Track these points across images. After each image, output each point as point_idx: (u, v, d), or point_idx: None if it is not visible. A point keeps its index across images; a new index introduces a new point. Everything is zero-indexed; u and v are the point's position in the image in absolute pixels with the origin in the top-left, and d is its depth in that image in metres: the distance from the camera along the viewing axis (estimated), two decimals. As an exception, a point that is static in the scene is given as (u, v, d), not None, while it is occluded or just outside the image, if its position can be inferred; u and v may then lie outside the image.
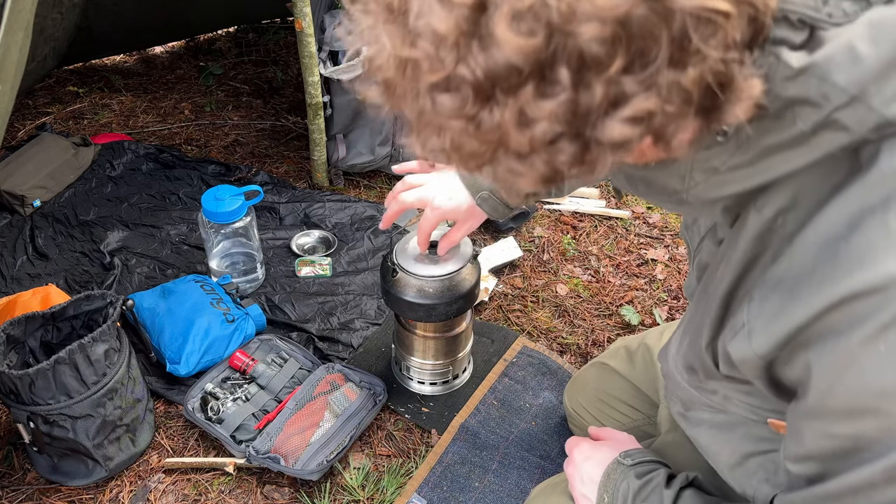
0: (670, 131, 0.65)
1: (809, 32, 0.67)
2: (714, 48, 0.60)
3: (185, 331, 2.05)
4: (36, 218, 2.72)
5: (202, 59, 4.08)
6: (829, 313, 0.70)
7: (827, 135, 0.68)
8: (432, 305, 1.78)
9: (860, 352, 0.68)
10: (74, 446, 1.73)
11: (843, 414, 0.73)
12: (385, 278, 1.81)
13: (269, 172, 3.06)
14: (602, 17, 0.57)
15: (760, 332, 0.79)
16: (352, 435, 1.88)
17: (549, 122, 0.62)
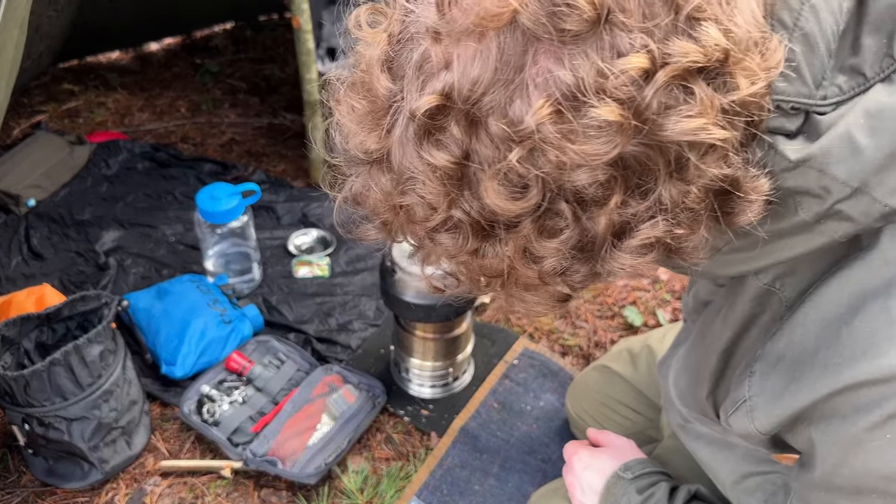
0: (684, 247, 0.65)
1: (804, 118, 0.66)
2: (713, 164, 0.59)
3: (181, 332, 2.03)
4: (31, 217, 2.69)
5: (199, 57, 4.05)
6: (832, 398, 0.70)
7: (831, 224, 0.68)
8: (431, 306, 1.76)
9: (866, 437, 0.69)
10: (70, 448, 1.71)
11: (850, 491, 0.74)
12: (384, 279, 1.80)
13: (267, 171, 3.03)
14: (592, 164, 0.56)
15: (762, 411, 0.80)
16: (350, 438, 1.86)
17: (557, 258, 0.62)
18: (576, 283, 0.66)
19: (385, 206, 0.66)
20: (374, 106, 0.64)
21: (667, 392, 1.17)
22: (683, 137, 0.56)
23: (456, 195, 0.60)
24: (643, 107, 0.55)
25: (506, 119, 0.57)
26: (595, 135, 0.55)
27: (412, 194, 0.62)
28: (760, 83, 0.59)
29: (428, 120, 0.58)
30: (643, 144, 0.57)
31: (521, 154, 0.57)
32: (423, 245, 0.68)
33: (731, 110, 0.58)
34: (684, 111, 0.56)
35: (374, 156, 0.64)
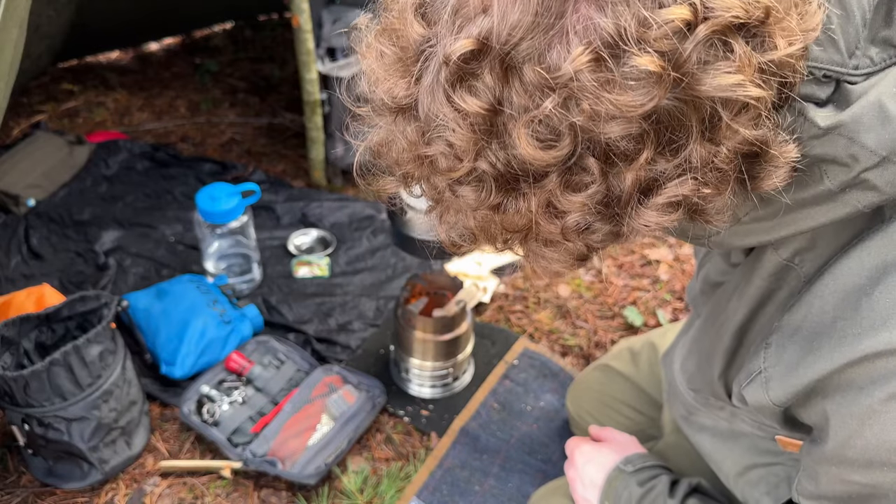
0: (709, 209, 0.64)
1: (835, 86, 0.66)
2: (745, 124, 0.59)
3: (181, 332, 2.03)
4: (30, 217, 2.69)
5: (198, 56, 4.05)
6: (849, 368, 0.70)
7: (855, 193, 0.67)
8: None
9: (881, 409, 0.69)
10: (69, 449, 1.71)
11: (861, 464, 0.73)
12: (395, 221, 1.78)
13: (266, 171, 3.03)
14: (627, 115, 0.55)
15: (778, 382, 0.79)
16: (350, 438, 1.86)
17: (581, 213, 0.61)
18: (597, 241, 0.65)
19: (409, 156, 0.65)
20: (404, 52, 0.62)
21: (672, 381, 1.17)
22: (720, 93, 0.56)
23: (484, 145, 0.60)
24: (682, 59, 0.54)
25: (543, 66, 0.56)
26: (633, 85, 0.55)
27: (438, 143, 0.61)
28: (798, 44, 0.59)
29: (462, 65, 0.57)
30: (679, 99, 0.56)
31: (556, 102, 0.56)
32: (442, 199, 0.67)
33: (768, 70, 0.58)
34: (722, 67, 0.55)
35: (401, 103, 0.63)
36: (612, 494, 1.19)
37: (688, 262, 2.56)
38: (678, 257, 2.59)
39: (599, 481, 1.23)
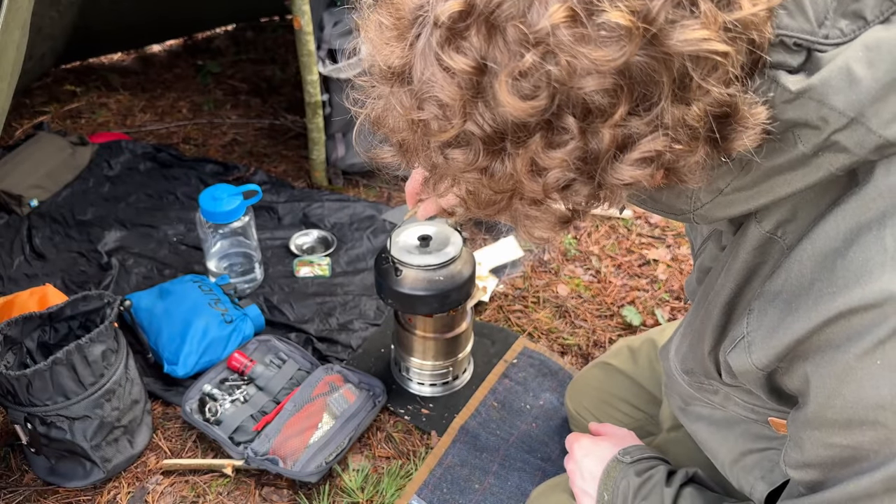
0: (681, 166, 0.67)
1: (806, 55, 0.69)
2: (715, 84, 0.62)
3: (183, 331, 2.04)
4: (33, 218, 2.70)
5: (200, 58, 4.07)
6: (826, 327, 0.72)
7: (828, 156, 0.70)
8: (444, 294, 1.76)
9: (857, 365, 0.70)
10: (72, 447, 1.72)
11: (842, 425, 0.74)
12: (388, 279, 1.78)
13: (268, 172, 3.05)
14: (601, 69, 0.59)
15: (759, 345, 0.81)
16: (351, 437, 1.87)
17: (561, 169, 0.65)
18: (578, 202, 0.69)
19: (404, 122, 0.69)
20: (400, 21, 0.68)
21: (668, 370, 1.19)
22: (687, 48, 0.59)
23: (471, 104, 0.64)
24: (652, 16, 0.58)
25: (523, 23, 0.60)
26: (606, 40, 0.59)
27: (430, 105, 0.65)
28: (762, 5, 0.63)
29: (451, 26, 0.62)
30: (650, 56, 0.60)
31: (535, 57, 0.60)
32: (436, 166, 0.71)
33: (734, 29, 0.62)
34: (689, 24, 0.59)
35: (397, 69, 0.68)
36: (610, 485, 1.21)
37: (686, 262, 2.57)
38: (676, 257, 2.59)
39: (598, 473, 1.25)
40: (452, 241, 1.82)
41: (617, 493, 1.18)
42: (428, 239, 1.81)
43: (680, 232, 2.72)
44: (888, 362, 0.68)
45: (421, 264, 1.76)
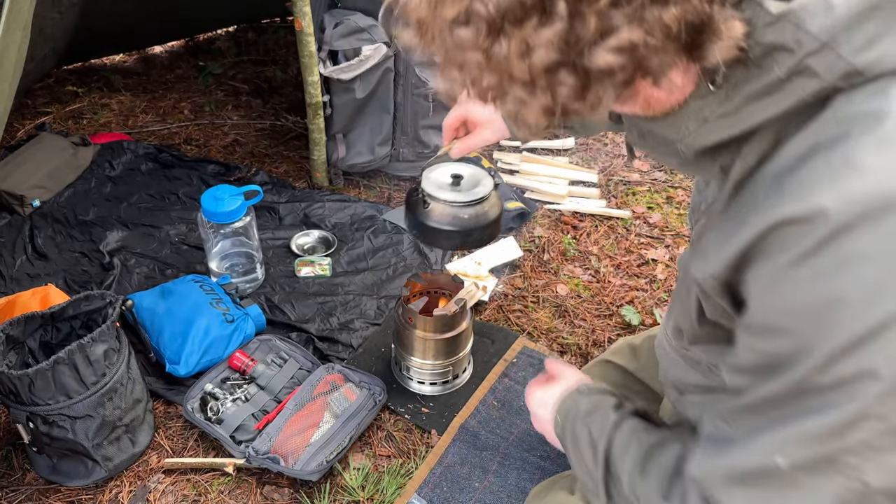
0: (655, 65, 0.71)
1: None
2: None
3: (185, 331, 2.05)
4: (35, 218, 2.71)
5: (201, 59, 4.08)
6: (765, 237, 0.76)
7: (799, 81, 0.73)
8: (467, 231, 1.78)
9: (784, 274, 0.74)
10: (74, 447, 1.72)
11: (765, 330, 0.78)
12: (416, 211, 1.80)
13: (269, 172, 3.05)
14: None
15: (713, 254, 0.86)
16: (351, 435, 1.88)
17: (546, 49, 0.69)
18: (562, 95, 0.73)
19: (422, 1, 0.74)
20: None
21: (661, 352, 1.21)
22: None
23: None
24: None
25: None
26: None
27: None
28: None
29: None
30: None
31: None
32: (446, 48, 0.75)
33: None
34: None
35: None
36: (563, 409, 1.25)
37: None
38: (675, 257, 2.60)
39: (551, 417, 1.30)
40: (483, 182, 1.84)
41: (568, 416, 1.22)
42: (459, 178, 1.83)
43: (679, 232, 2.73)
44: (809, 273, 0.71)
45: (449, 199, 1.78)
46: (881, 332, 0.68)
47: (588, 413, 1.18)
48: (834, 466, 0.74)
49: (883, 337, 0.68)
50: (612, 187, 3.02)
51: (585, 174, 3.06)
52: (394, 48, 2.63)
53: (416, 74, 2.70)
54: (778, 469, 0.78)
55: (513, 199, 2.71)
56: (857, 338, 0.69)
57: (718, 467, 0.86)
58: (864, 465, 0.73)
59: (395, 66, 2.69)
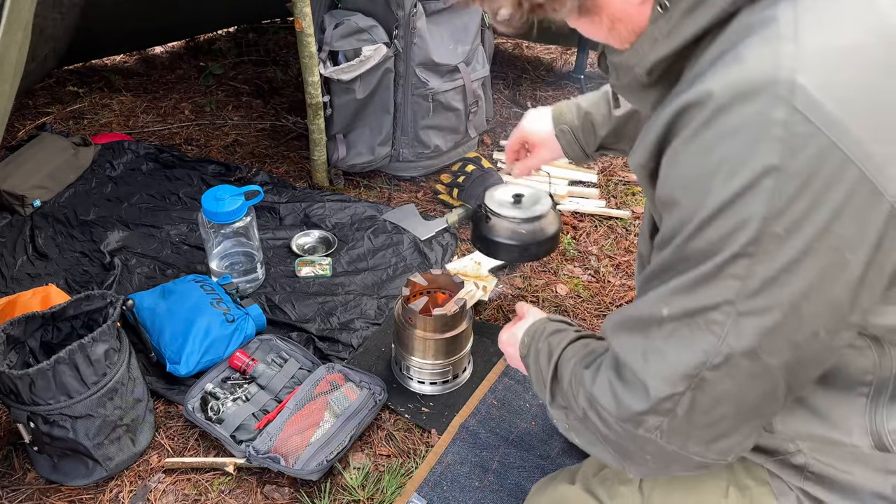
0: None
1: None
2: None
3: (185, 331, 2.05)
4: (36, 218, 2.72)
5: (202, 59, 4.08)
6: (673, 123, 0.86)
7: None
8: (525, 246, 2.04)
9: (679, 150, 0.85)
10: (74, 446, 1.73)
11: (664, 205, 0.89)
12: (479, 226, 2.07)
13: (269, 172, 3.06)
14: None
15: (639, 144, 0.96)
16: (352, 435, 1.88)
17: None
18: None
19: None
20: None
21: None
22: None
23: None
24: None
25: None
26: None
27: None
28: None
29: None
30: None
31: None
32: None
33: None
34: None
35: None
36: (530, 330, 1.34)
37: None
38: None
39: None
40: (542, 202, 2.06)
41: (534, 337, 1.31)
42: (520, 197, 2.05)
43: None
44: (696, 147, 0.82)
45: (509, 216, 2.02)
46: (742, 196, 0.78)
47: (552, 333, 1.27)
48: (705, 321, 0.85)
49: (742, 201, 0.78)
50: (611, 187, 3.02)
51: (585, 174, 3.07)
52: (394, 48, 2.63)
53: (416, 75, 2.70)
54: (661, 317, 0.90)
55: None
56: (722, 202, 0.80)
57: (615, 317, 1.01)
58: (728, 325, 0.84)
59: (395, 66, 2.69)
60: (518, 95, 3.73)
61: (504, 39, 4.27)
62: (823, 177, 0.76)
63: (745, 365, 0.85)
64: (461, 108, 2.88)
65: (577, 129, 1.66)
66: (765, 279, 0.80)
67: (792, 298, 0.81)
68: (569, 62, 4.11)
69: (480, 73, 2.90)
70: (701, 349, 0.86)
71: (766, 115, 0.76)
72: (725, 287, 0.82)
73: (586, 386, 1.05)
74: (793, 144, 0.76)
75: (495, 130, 3.41)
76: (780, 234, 0.78)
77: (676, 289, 0.87)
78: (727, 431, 0.92)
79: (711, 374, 0.87)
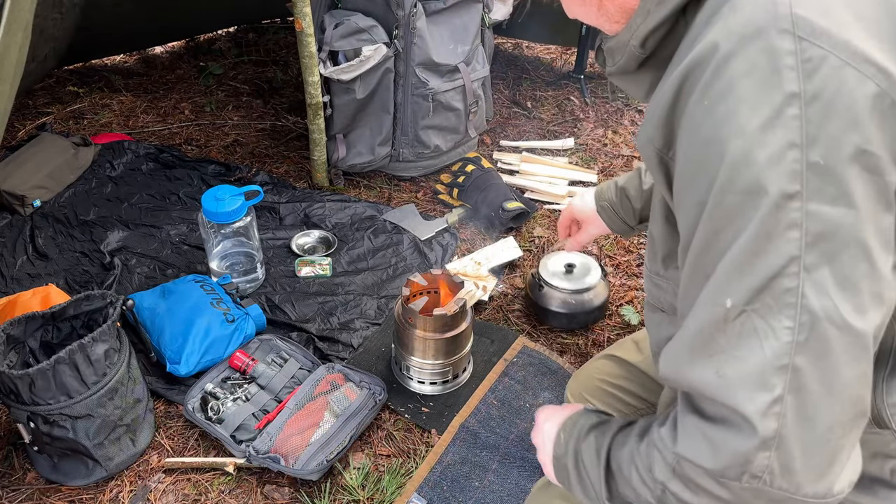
0: None
1: None
2: None
3: (185, 331, 2.05)
4: (36, 218, 2.72)
5: (202, 59, 4.08)
6: (682, 85, 0.84)
7: None
8: (573, 314, 2.24)
9: (695, 110, 0.82)
10: (74, 446, 1.73)
11: (692, 175, 0.84)
12: (533, 292, 2.29)
13: (269, 172, 3.06)
14: None
15: (648, 119, 0.93)
16: (352, 435, 1.88)
17: None
18: None
19: None
20: None
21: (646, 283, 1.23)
22: None
23: None
24: None
25: None
26: None
27: None
28: None
29: None
30: None
31: None
32: None
33: None
34: None
35: None
36: (568, 426, 1.19)
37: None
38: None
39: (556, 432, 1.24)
40: (592, 273, 2.28)
41: (573, 430, 1.17)
42: (572, 267, 2.28)
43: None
44: (711, 101, 0.80)
45: (559, 286, 2.24)
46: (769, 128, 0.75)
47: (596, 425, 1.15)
48: (774, 295, 0.77)
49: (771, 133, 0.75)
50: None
51: (585, 174, 3.07)
52: (394, 48, 2.63)
53: (416, 75, 2.70)
54: (725, 313, 0.80)
55: (513, 200, 2.72)
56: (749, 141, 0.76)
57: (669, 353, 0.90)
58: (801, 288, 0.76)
59: (395, 66, 2.69)
60: (518, 95, 3.73)
61: (504, 39, 4.26)
62: (844, 95, 0.75)
63: (833, 334, 0.76)
64: (461, 108, 2.88)
65: (615, 204, 1.69)
66: (821, 217, 0.75)
67: (857, 234, 0.75)
68: (569, 62, 4.11)
69: (480, 73, 2.90)
70: (782, 329, 0.77)
71: (774, 48, 0.77)
72: (786, 241, 0.75)
73: (667, 447, 0.90)
74: (806, 69, 0.76)
75: (495, 130, 3.41)
76: (820, 163, 0.74)
77: (729, 272, 0.79)
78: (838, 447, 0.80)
79: (802, 358, 0.77)
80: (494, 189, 2.77)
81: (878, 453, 0.97)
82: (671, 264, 1.08)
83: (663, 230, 1.07)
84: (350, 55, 2.62)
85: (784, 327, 0.77)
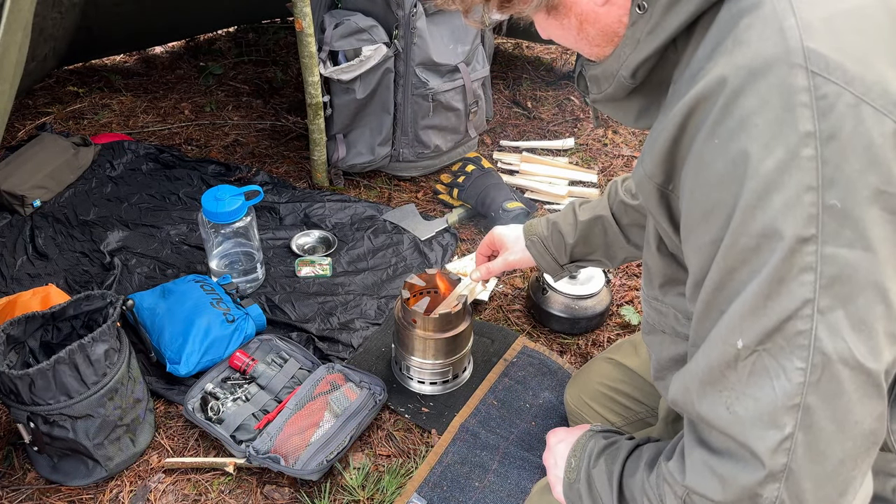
0: None
1: None
2: None
3: (185, 331, 2.05)
4: (36, 218, 2.72)
5: (202, 59, 4.08)
6: (686, 122, 0.83)
7: None
8: (575, 319, 2.25)
9: (703, 149, 0.80)
10: (74, 446, 1.73)
11: (703, 216, 0.82)
12: (536, 295, 2.29)
13: (269, 172, 3.06)
14: None
15: (647, 154, 0.92)
16: (352, 435, 1.88)
17: None
18: None
19: None
20: None
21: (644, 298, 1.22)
22: None
23: None
24: None
25: None
26: None
27: None
28: None
29: None
30: None
31: None
32: None
33: None
34: None
35: None
36: (578, 449, 1.20)
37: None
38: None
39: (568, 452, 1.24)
40: (595, 280, 2.28)
41: (583, 455, 1.17)
42: (576, 274, 2.27)
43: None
44: (722, 139, 0.77)
45: (563, 290, 2.24)
46: (784, 170, 0.73)
47: (605, 448, 1.16)
48: (786, 337, 0.76)
49: (786, 175, 0.73)
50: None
51: (585, 174, 3.07)
52: (394, 48, 2.63)
53: (416, 75, 2.70)
54: (736, 353, 0.80)
55: (513, 200, 2.71)
56: (763, 183, 0.74)
57: (678, 385, 0.90)
58: (814, 330, 0.75)
59: (395, 66, 2.69)
60: (518, 95, 3.73)
61: (504, 39, 4.26)
62: (862, 134, 0.73)
63: (845, 375, 0.76)
64: (461, 108, 2.88)
65: (546, 238, 1.64)
66: (837, 260, 0.74)
67: (874, 277, 0.74)
68: (569, 62, 4.11)
69: (480, 73, 2.90)
70: (794, 370, 0.77)
71: (787, 84, 0.74)
72: (799, 284, 0.75)
73: (676, 481, 0.91)
74: (821, 107, 0.73)
75: (495, 130, 3.41)
76: (837, 206, 0.73)
77: (742, 313, 0.79)
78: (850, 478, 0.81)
79: (814, 398, 0.76)
80: (494, 189, 2.77)
81: (881, 471, 0.97)
82: (670, 291, 1.08)
83: (658, 261, 1.07)
84: (350, 55, 2.61)
85: (796, 368, 0.76)
